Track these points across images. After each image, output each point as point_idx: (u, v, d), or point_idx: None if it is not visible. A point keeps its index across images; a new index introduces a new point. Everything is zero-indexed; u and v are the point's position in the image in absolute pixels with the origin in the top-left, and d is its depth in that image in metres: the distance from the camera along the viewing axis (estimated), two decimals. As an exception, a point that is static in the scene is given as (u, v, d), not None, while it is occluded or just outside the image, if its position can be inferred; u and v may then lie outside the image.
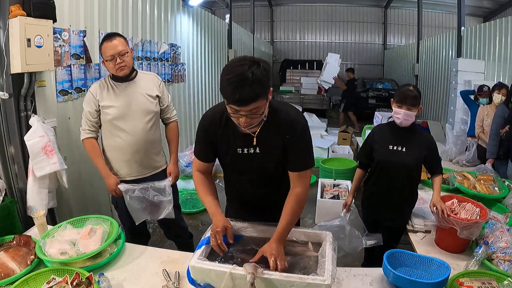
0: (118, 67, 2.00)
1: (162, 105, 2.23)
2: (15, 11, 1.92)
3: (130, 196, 2.10)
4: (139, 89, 2.13)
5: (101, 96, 2.07)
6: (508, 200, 2.34)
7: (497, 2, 10.70)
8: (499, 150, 3.14)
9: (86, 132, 2.11)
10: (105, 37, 2.02)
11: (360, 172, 2.25)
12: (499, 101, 3.47)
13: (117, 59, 1.98)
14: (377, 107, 9.33)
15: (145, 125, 2.14)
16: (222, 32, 6.94)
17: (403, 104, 1.93)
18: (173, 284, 1.42)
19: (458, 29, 6.96)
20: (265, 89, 1.23)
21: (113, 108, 2.07)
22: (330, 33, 14.68)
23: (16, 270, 1.50)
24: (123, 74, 2.05)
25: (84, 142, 2.12)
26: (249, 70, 1.17)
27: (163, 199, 2.15)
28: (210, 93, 6.24)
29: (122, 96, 2.08)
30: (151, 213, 2.20)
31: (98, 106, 2.07)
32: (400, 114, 1.94)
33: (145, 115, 2.14)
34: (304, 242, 1.47)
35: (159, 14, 4.09)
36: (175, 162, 2.30)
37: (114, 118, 2.08)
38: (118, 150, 2.14)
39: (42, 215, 1.77)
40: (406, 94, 1.95)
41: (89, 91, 2.10)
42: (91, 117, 2.09)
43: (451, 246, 1.79)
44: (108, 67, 2.04)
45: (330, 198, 3.56)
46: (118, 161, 2.17)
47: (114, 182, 2.12)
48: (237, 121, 1.28)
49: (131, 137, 2.11)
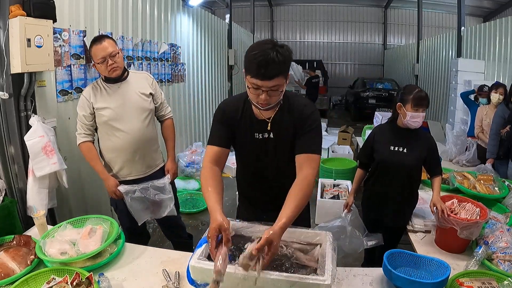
0: (110, 68, 2.00)
1: (156, 103, 2.24)
2: (15, 11, 1.92)
3: (131, 197, 2.10)
4: (132, 88, 2.13)
5: (94, 98, 2.06)
6: (508, 200, 2.34)
7: (497, 2, 10.70)
8: (499, 150, 3.15)
9: (82, 136, 2.10)
10: (94, 40, 2.01)
11: (361, 172, 2.25)
12: (497, 100, 3.50)
13: (108, 61, 1.98)
14: (377, 107, 9.33)
15: (141, 124, 2.14)
16: (222, 32, 6.94)
17: (420, 107, 1.94)
18: (173, 284, 1.42)
19: (458, 29, 6.97)
20: (286, 69, 1.32)
21: (108, 109, 2.06)
22: (330, 33, 14.68)
23: (16, 270, 1.50)
24: (116, 75, 2.05)
25: (81, 146, 2.11)
26: (274, 49, 1.26)
27: (164, 197, 2.16)
28: (210, 93, 6.24)
29: (116, 97, 2.08)
30: (153, 212, 2.21)
31: (93, 109, 2.07)
32: (419, 118, 1.95)
33: (141, 113, 2.14)
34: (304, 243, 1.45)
35: (159, 14, 4.09)
36: (173, 159, 2.31)
37: (110, 119, 2.08)
38: (116, 151, 2.14)
39: (42, 215, 1.77)
40: (421, 97, 1.95)
41: (82, 95, 2.10)
42: (86, 120, 2.08)
43: (451, 246, 1.79)
44: (100, 70, 2.04)
45: (330, 198, 3.56)
46: (118, 162, 2.17)
47: (114, 183, 2.12)
48: (256, 99, 1.33)
49: (128, 137, 2.11)
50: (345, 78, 14.53)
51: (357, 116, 10.20)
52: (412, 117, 1.96)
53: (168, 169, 2.28)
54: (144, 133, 2.16)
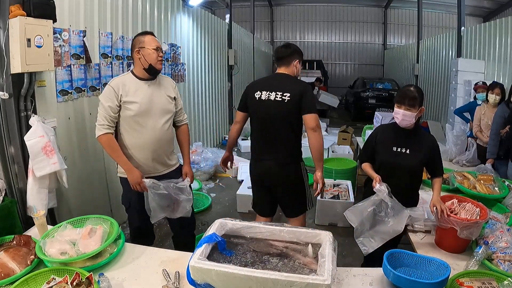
0: (160, 59, 2.09)
1: (177, 108, 2.28)
2: (15, 11, 1.92)
3: (155, 192, 2.08)
4: (160, 90, 2.17)
5: (124, 91, 2.05)
6: (508, 200, 2.34)
7: (497, 2, 10.71)
8: (499, 150, 3.15)
9: (105, 128, 2.04)
10: (145, 32, 2.16)
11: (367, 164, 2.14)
12: (493, 100, 3.52)
13: (159, 52, 2.08)
14: (377, 107, 9.33)
15: (164, 124, 2.17)
16: (222, 32, 6.94)
17: (402, 105, 1.92)
18: (173, 284, 1.43)
19: (458, 29, 6.97)
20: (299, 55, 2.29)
21: (136, 104, 2.06)
22: (330, 33, 14.70)
23: (16, 270, 1.50)
24: (159, 68, 2.12)
25: (102, 138, 2.04)
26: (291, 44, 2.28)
27: (184, 198, 2.17)
28: (210, 93, 6.23)
29: (144, 94, 2.10)
30: (172, 211, 2.20)
31: (120, 101, 2.05)
32: (398, 114, 1.93)
33: (165, 114, 2.17)
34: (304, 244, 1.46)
35: (159, 14, 4.09)
36: (189, 163, 2.35)
37: (137, 115, 2.08)
38: (138, 147, 2.13)
39: (42, 215, 1.78)
40: (405, 94, 1.93)
41: (109, 86, 2.06)
42: (111, 112, 2.04)
43: (451, 246, 1.79)
44: (149, 57, 2.06)
45: (330, 198, 3.56)
46: (137, 158, 2.15)
47: (139, 175, 2.08)
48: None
49: (151, 135, 2.12)
50: (345, 78, 14.54)
51: (357, 116, 10.20)
52: (395, 112, 1.95)
53: (186, 173, 2.30)
54: (165, 134, 2.19)
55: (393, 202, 1.83)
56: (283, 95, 2.16)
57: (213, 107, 6.48)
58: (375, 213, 1.87)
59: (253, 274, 1.19)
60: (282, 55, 2.26)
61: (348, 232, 2.00)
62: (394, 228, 1.81)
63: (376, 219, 1.87)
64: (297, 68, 2.29)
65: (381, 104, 9.61)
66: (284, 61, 2.26)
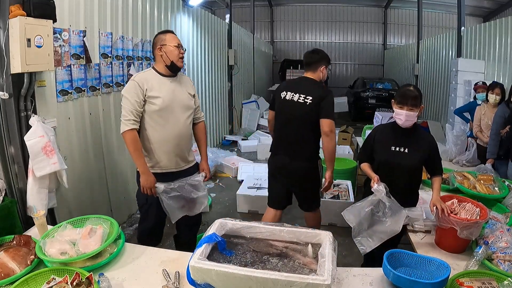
0: (181, 56, 2.14)
1: (196, 105, 2.32)
2: (15, 11, 1.92)
3: (168, 196, 2.10)
4: (181, 86, 2.21)
5: (149, 86, 2.07)
6: (508, 200, 2.34)
7: (497, 2, 10.71)
8: (499, 150, 3.15)
9: (131, 123, 2.03)
10: (165, 31, 2.20)
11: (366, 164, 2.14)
12: (493, 100, 3.52)
13: (180, 49, 2.13)
14: (377, 107, 9.33)
15: (185, 120, 2.22)
16: (222, 32, 6.94)
17: (404, 105, 1.92)
18: (173, 284, 1.43)
19: (458, 29, 6.97)
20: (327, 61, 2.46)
21: (160, 99, 2.09)
22: (330, 33, 14.68)
23: (16, 270, 1.50)
24: (181, 65, 2.16)
25: (127, 134, 2.03)
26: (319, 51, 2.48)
27: (199, 194, 2.21)
28: (210, 93, 6.23)
29: (167, 90, 2.13)
30: (189, 209, 2.24)
31: (145, 96, 2.06)
32: (401, 115, 1.93)
33: (187, 110, 2.22)
34: (304, 244, 1.46)
35: (159, 14, 4.09)
36: (206, 159, 2.41)
37: (161, 109, 2.10)
38: (160, 141, 2.15)
39: (42, 215, 1.78)
40: (407, 94, 1.93)
41: (133, 81, 2.07)
42: (138, 107, 2.05)
43: (451, 246, 1.79)
44: (171, 54, 2.11)
45: (330, 198, 3.56)
46: (160, 153, 2.16)
47: (153, 180, 2.09)
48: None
49: (174, 129, 2.16)
50: (345, 78, 14.52)
51: (357, 116, 10.20)
52: (397, 113, 1.95)
53: (203, 168, 2.36)
54: (187, 129, 2.24)
55: (391, 202, 1.84)
56: (306, 97, 2.37)
57: (213, 107, 6.48)
58: (373, 213, 1.88)
59: (253, 274, 1.19)
60: (310, 61, 2.47)
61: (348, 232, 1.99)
62: (391, 228, 1.82)
63: (374, 219, 1.88)
64: (323, 73, 2.48)
65: (381, 104, 9.60)
66: (312, 67, 2.46)
